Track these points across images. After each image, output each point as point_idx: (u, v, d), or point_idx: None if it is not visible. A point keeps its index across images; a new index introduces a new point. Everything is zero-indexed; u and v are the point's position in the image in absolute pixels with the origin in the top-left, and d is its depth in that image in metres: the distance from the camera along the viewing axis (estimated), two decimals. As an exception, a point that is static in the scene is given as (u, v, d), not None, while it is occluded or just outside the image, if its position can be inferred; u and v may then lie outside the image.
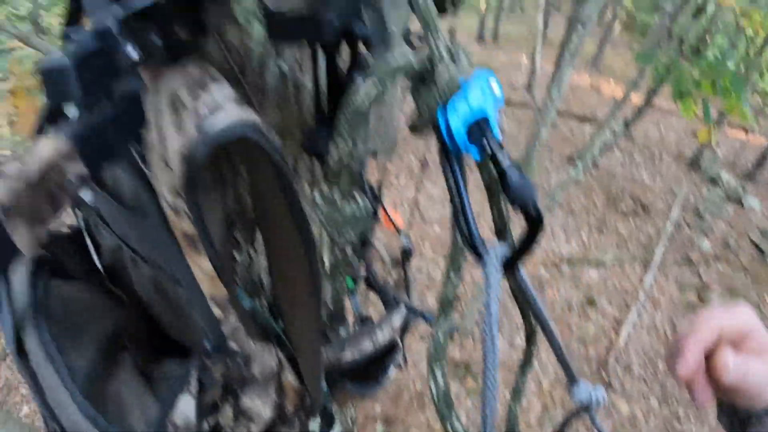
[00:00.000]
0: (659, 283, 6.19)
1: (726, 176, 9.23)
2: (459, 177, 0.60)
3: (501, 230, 0.68)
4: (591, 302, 5.46)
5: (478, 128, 0.57)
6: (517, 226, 0.60)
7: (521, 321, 0.82)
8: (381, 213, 1.16)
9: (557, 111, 7.64)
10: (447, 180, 0.60)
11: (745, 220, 8.29)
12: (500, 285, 0.59)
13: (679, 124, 10.94)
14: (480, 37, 15.21)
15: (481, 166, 0.64)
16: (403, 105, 0.95)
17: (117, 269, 0.82)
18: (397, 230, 1.27)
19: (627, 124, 3.82)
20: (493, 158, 0.55)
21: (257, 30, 0.60)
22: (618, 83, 13.07)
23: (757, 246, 7.62)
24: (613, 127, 7.02)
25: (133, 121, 0.55)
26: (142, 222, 0.64)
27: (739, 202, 8.69)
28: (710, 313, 0.57)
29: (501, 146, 0.56)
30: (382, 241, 1.23)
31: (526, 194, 0.54)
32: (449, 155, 0.60)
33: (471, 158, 0.60)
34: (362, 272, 1.23)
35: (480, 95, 0.57)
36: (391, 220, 1.25)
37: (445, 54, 0.59)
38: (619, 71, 14.77)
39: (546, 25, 11.12)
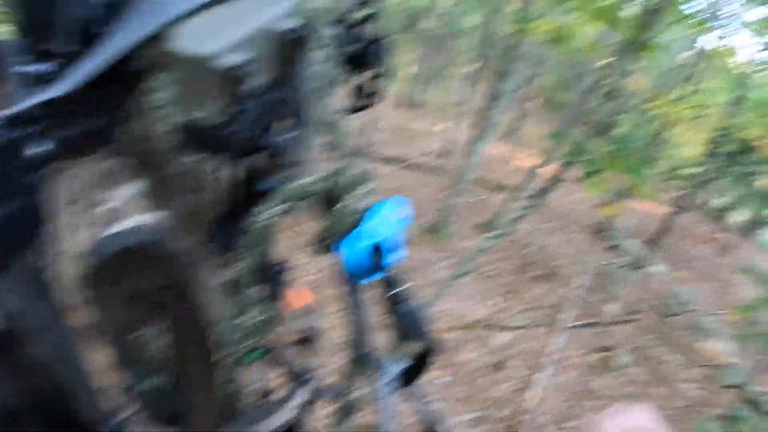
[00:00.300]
0: (568, 345, 6.41)
1: (631, 243, 9.81)
2: (357, 301, 0.63)
3: (398, 346, 0.69)
4: (501, 365, 5.58)
5: (378, 256, 0.59)
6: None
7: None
8: (287, 292, 1.17)
9: (471, 179, 7.97)
10: (346, 302, 0.63)
11: (649, 284, 8.81)
12: (394, 401, 0.61)
13: (588, 192, 11.59)
14: (399, 103, 15.71)
15: (382, 283, 0.66)
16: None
17: (13, 338, 0.79)
18: (304, 308, 1.27)
19: (539, 196, 4.04)
20: (389, 287, 0.58)
21: (165, 126, 0.61)
22: (532, 154, 13.77)
23: (661, 308, 8.09)
24: (526, 196, 7.36)
25: (41, 213, 0.55)
26: (38, 306, 0.63)
27: (644, 267, 9.23)
28: (612, 414, 0.64)
29: (397, 277, 0.59)
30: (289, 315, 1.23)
31: (417, 327, 0.58)
32: (349, 280, 0.63)
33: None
34: (266, 345, 1.22)
35: (384, 223, 0.60)
36: (297, 294, 1.26)
37: (353, 180, 0.61)
38: (534, 142, 15.59)
39: (466, 96, 11.67)
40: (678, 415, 5.92)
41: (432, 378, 5.08)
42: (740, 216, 14.38)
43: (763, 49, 8.56)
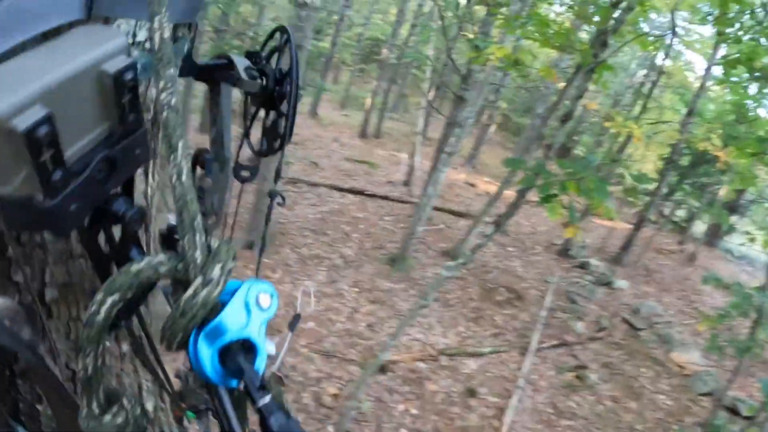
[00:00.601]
0: (537, 367, 6.39)
1: (595, 261, 9.96)
2: (223, 405, 0.49)
3: None
4: (472, 392, 5.52)
5: (235, 356, 0.47)
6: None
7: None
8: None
9: (433, 206, 7.97)
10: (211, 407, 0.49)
11: (615, 300, 8.91)
12: None
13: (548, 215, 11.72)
14: (363, 134, 15.86)
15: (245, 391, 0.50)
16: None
17: None
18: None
19: (499, 225, 4.04)
20: (253, 396, 0.45)
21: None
22: (492, 180, 13.92)
23: (628, 323, 8.15)
24: (489, 221, 7.38)
25: None
26: None
27: (609, 284, 9.36)
28: None
29: (260, 381, 0.46)
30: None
31: None
32: (208, 382, 0.49)
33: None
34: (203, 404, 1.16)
35: (241, 314, 0.49)
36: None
37: (201, 260, 0.49)
38: (494, 168, 15.79)
39: (426, 124, 11.79)
40: (657, 426, 5.92)
41: (402, 411, 4.99)
42: (701, 226, 14.72)
43: (715, 64, 8.81)
